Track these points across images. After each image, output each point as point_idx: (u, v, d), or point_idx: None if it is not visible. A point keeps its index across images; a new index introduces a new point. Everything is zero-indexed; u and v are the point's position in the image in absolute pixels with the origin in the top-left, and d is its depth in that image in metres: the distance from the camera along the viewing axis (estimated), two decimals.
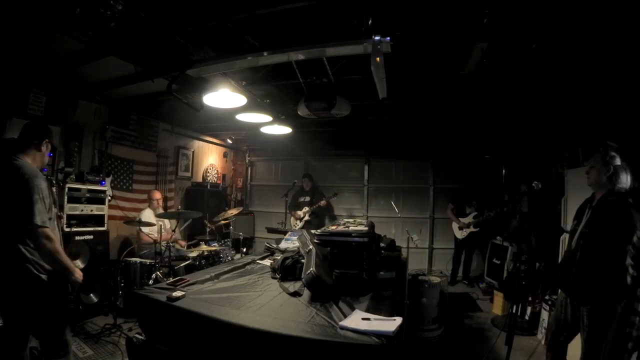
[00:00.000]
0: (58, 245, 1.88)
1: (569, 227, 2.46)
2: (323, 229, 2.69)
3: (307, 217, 5.97)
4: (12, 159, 1.91)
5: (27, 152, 2.00)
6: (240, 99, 3.35)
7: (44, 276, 1.88)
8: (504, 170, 6.11)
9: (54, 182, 2.58)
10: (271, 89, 3.94)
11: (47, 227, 1.83)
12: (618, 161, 2.10)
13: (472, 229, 5.46)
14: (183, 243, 4.86)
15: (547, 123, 4.24)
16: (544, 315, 3.45)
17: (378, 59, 2.42)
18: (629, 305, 1.89)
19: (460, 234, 5.60)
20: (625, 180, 2.06)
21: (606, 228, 2.00)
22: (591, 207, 2.20)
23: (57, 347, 1.96)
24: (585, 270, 2.09)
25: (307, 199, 6.13)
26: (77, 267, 3.46)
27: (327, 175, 7.13)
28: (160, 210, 4.64)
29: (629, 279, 1.63)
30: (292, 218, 6.14)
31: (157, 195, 4.64)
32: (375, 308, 1.94)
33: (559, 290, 2.46)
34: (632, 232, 1.90)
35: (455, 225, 5.68)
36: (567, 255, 2.32)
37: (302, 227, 5.69)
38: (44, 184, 1.90)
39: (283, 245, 3.58)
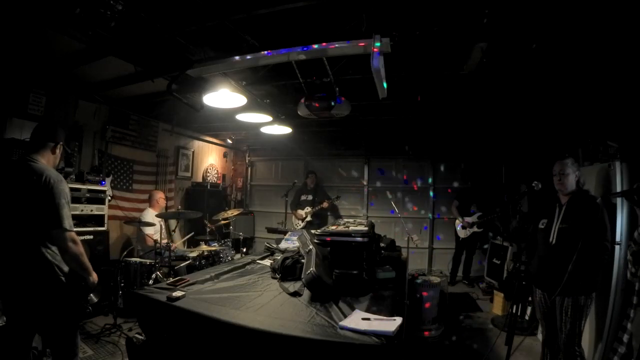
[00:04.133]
0: (82, 247, 1.89)
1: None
2: (323, 228, 2.69)
3: (309, 218, 5.88)
4: (28, 160, 1.88)
5: (42, 153, 1.96)
6: (240, 99, 3.35)
7: (63, 278, 1.88)
8: (504, 170, 6.10)
9: None
10: (271, 89, 3.93)
11: (74, 231, 1.85)
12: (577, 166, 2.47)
13: (475, 229, 5.46)
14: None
15: (547, 123, 4.24)
16: None
17: (377, 58, 2.42)
18: (626, 298, 1.95)
19: (463, 233, 5.59)
20: (583, 181, 2.48)
21: (583, 223, 2.21)
22: (561, 206, 2.45)
23: (69, 350, 1.94)
24: (566, 261, 2.18)
25: (310, 197, 6.02)
26: None
27: (327, 175, 7.12)
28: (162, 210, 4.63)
29: (628, 274, 1.70)
30: (293, 217, 6.04)
31: (160, 195, 4.63)
32: (375, 308, 1.94)
33: (535, 288, 2.58)
34: (605, 226, 2.22)
35: (458, 224, 5.67)
36: (543, 251, 2.47)
37: (304, 227, 5.59)
38: (67, 188, 1.90)
39: (283, 245, 3.58)
